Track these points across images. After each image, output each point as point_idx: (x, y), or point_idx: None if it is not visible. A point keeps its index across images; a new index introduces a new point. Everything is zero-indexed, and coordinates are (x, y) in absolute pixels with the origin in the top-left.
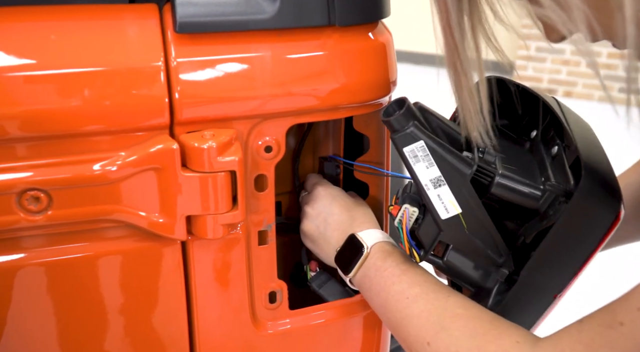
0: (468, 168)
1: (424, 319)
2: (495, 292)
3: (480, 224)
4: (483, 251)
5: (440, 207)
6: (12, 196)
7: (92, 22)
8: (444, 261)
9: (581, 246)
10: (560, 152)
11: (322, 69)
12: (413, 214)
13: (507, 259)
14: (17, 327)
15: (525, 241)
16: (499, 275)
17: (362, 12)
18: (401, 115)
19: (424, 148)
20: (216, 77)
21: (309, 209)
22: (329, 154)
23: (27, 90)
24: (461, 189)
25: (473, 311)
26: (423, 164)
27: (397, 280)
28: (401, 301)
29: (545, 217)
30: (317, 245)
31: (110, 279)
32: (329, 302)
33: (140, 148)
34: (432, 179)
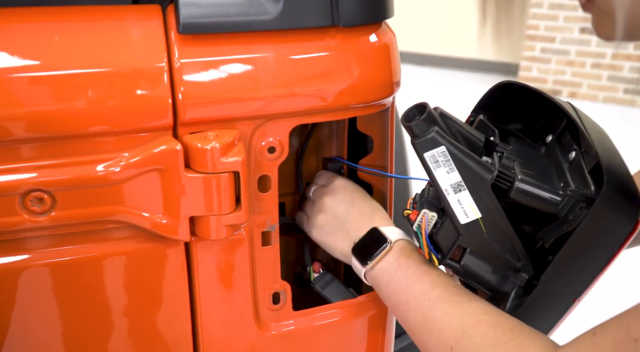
0: (489, 173)
1: (447, 322)
2: (513, 297)
3: (499, 229)
4: (501, 255)
5: (460, 212)
6: (16, 197)
7: (96, 23)
8: (461, 264)
9: (602, 250)
10: (579, 158)
11: (325, 70)
12: (432, 218)
13: (526, 263)
14: (22, 328)
15: (544, 246)
16: (518, 279)
17: (366, 13)
18: (422, 120)
19: (445, 153)
20: (219, 78)
21: (328, 199)
22: (332, 155)
23: (30, 91)
24: (481, 194)
25: (495, 318)
26: (444, 169)
27: (419, 280)
28: (423, 302)
29: (565, 222)
30: (334, 236)
31: (114, 280)
32: (333, 303)
33: (143, 149)
34: (453, 184)
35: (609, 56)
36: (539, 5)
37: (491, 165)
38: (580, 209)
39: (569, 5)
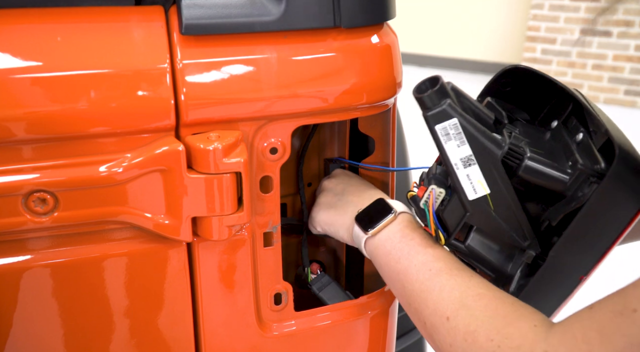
0: (499, 148)
1: (446, 293)
2: (518, 277)
3: (507, 206)
4: (508, 234)
5: (469, 187)
6: (19, 198)
7: (98, 24)
8: (466, 245)
9: (610, 226)
10: (586, 138)
11: (327, 71)
12: (440, 195)
13: (532, 242)
14: (24, 329)
15: (551, 224)
16: (525, 257)
17: (368, 14)
18: (434, 92)
19: (456, 126)
20: (222, 78)
21: (327, 182)
22: (334, 156)
23: (33, 92)
24: (491, 169)
25: (495, 293)
26: (454, 142)
27: (422, 251)
28: (423, 272)
29: (574, 199)
30: (335, 209)
31: (116, 281)
32: (335, 304)
33: (146, 150)
34: (463, 158)
35: (610, 58)
36: (540, 6)
37: (501, 141)
38: (590, 184)
39: (569, 6)
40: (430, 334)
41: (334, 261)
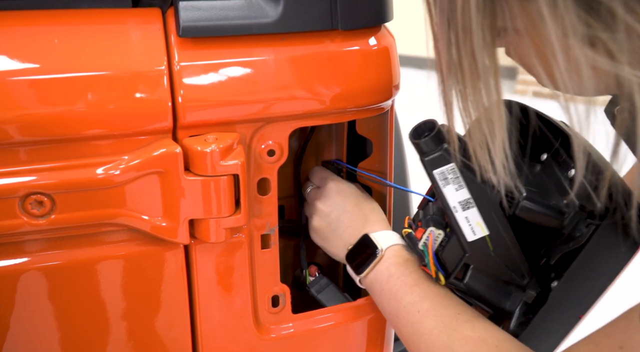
0: (498, 191)
1: (435, 337)
2: (517, 315)
3: (505, 246)
4: (506, 273)
5: (468, 229)
6: (16, 200)
7: (96, 26)
8: (465, 283)
9: (609, 267)
10: None
11: (324, 73)
12: (438, 236)
13: (531, 281)
14: (21, 332)
15: (549, 263)
16: (525, 297)
17: (365, 16)
18: (430, 138)
19: (454, 170)
20: (219, 81)
21: (320, 205)
22: (331, 158)
23: (30, 94)
24: (490, 211)
25: (481, 333)
26: (452, 186)
27: (409, 290)
28: (412, 314)
29: (571, 239)
30: (328, 242)
31: (113, 283)
32: (332, 306)
33: (143, 152)
34: (461, 202)
35: None
36: None
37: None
38: (587, 225)
39: None
40: None
41: (332, 263)
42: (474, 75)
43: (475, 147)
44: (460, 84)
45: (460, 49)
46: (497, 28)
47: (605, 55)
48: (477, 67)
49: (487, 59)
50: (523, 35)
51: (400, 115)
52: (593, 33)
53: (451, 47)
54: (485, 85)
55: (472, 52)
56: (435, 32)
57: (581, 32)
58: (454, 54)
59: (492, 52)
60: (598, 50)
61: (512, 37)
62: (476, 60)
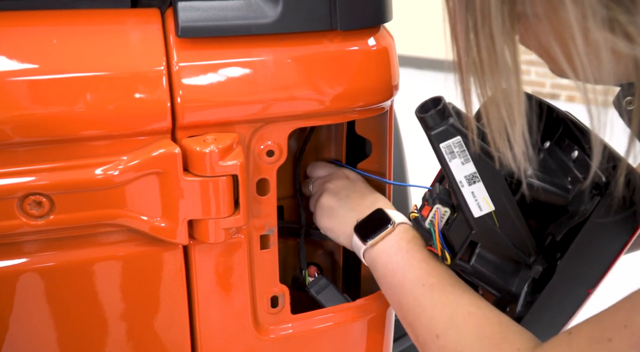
0: (502, 166)
1: (438, 310)
2: (524, 294)
3: (511, 223)
4: (513, 251)
5: (474, 204)
6: (14, 201)
7: (95, 26)
8: (471, 264)
9: (614, 238)
10: (582, 155)
11: (324, 74)
12: (445, 214)
13: (538, 258)
14: (20, 332)
15: (556, 239)
16: (532, 272)
17: (364, 17)
18: (436, 112)
19: (460, 144)
20: (218, 81)
21: (330, 185)
22: (331, 158)
23: (29, 94)
24: (496, 186)
25: (484, 311)
26: (459, 160)
27: (417, 265)
28: (417, 287)
29: (577, 214)
30: (336, 218)
31: (112, 284)
32: (332, 307)
33: (142, 152)
34: (467, 176)
35: None
36: None
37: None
38: (592, 197)
39: None
40: (422, 348)
41: (332, 263)
42: (492, 60)
43: (494, 133)
44: (479, 70)
45: (479, 33)
46: (516, 13)
47: (624, 38)
48: (496, 52)
49: (506, 43)
50: (542, 20)
51: (400, 115)
52: (612, 16)
53: (469, 32)
54: (505, 70)
55: (491, 37)
56: (452, 17)
57: (601, 14)
58: (472, 39)
59: (512, 37)
60: (616, 33)
61: (531, 23)
62: (495, 45)
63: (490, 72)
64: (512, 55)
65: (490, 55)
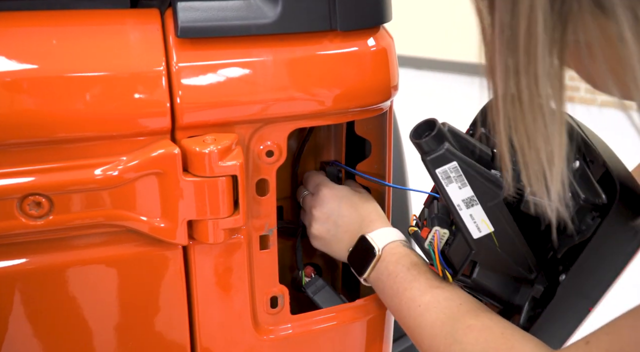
0: (500, 188)
1: (438, 329)
2: (527, 309)
3: (511, 242)
4: (514, 268)
5: (473, 226)
6: (14, 201)
7: (94, 27)
8: (472, 279)
9: (616, 259)
10: (583, 167)
11: (323, 74)
12: (444, 235)
13: (539, 275)
14: (19, 333)
15: (556, 256)
16: (534, 292)
17: (364, 17)
18: (432, 137)
19: (456, 169)
20: (218, 81)
21: (316, 212)
22: (330, 159)
23: (29, 94)
24: (494, 208)
25: (485, 322)
26: (456, 185)
27: (408, 286)
28: (414, 309)
29: (578, 232)
30: (330, 247)
31: (112, 284)
32: (331, 307)
33: (141, 153)
34: (465, 199)
35: None
36: None
37: (501, 179)
38: (592, 218)
39: None
40: None
41: (331, 264)
42: (535, 104)
43: (530, 177)
44: (518, 112)
45: (521, 75)
46: (566, 49)
47: None
48: (540, 96)
49: (552, 87)
50: (596, 55)
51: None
52: None
53: (509, 72)
54: (549, 115)
55: (535, 79)
56: (490, 51)
57: None
58: (512, 85)
59: (559, 80)
60: None
61: (582, 52)
62: (539, 89)
63: (531, 117)
64: (558, 99)
65: (532, 99)
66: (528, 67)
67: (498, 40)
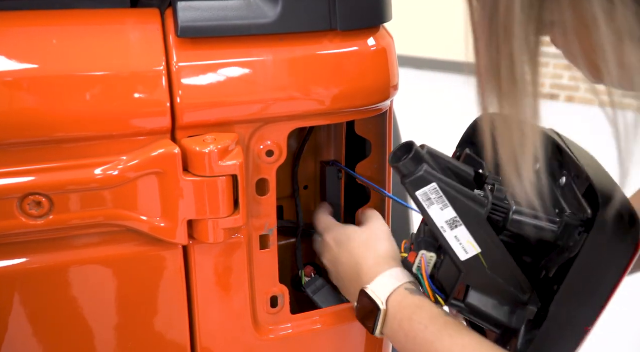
0: (483, 207)
1: None
2: (524, 332)
3: (500, 262)
4: (506, 290)
5: (459, 248)
6: (14, 201)
7: (94, 26)
8: (466, 303)
9: (606, 275)
10: (570, 182)
11: (323, 74)
12: (431, 259)
13: (532, 296)
14: (19, 333)
15: (548, 275)
16: (527, 313)
17: (364, 17)
18: (409, 160)
19: (437, 190)
20: (218, 81)
21: (324, 260)
22: (330, 159)
23: (29, 94)
24: (478, 228)
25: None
26: (437, 206)
27: (412, 341)
28: None
29: (566, 250)
30: (344, 290)
31: (112, 284)
32: (331, 307)
33: (141, 152)
34: (448, 221)
35: None
36: None
37: (484, 198)
38: (579, 234)
39: None
40: None
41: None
42: (511, 81)
43: (503, 162)
44: (498, 89)
45: (501, 51)
46: (543, 30)
47: None
48: (515, 73)
49: (528, 65)
50: (571, 35)
51: (400, 115)
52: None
53: (491, 49)
54: (522, 94)
55: (511, 56)
56: (475, 31)
57: (638, 34)
58: (493, 57)
59: (535, 59)
60: None
61: (559, 33)
62: (514, 65)
63: (509, 93)
64: (534, 73)
65: (509, 75)
66: (506, 42)
67: (481, 17)
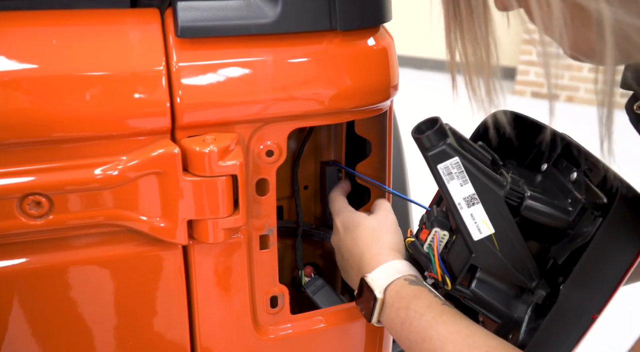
0: (501, 188)
1: None
2: (527, 321)
3: (512, 246)
4: (514, 275)
5: (473, 227)
6: (14, 201)
7: (94, 26)
8: (471, 289)
9: (618, 260)
10: (581, 176)
11: (323, 74)
12: (443, 237)
13: (540, 282)
14: (18, 332)
15: (557, 262)
16: (535, 297)
17: (364, 17)
18: (433, 132)
19: (458, 165)
20: (218, 81)
21: (332, 241)
22: (330, 158)
23: (29, 94)
24: (495, 208)
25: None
26: (457, 181)
27: (407, 328)
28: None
29: (579, 236)
30: (347, 280)
31: (112, 284)
32: (331, 307)
33: (141, 152)
34: (466, 197)
35: None
36: None
37: (503, 180)
38: (593, 219)
39: None
40: None
41: (332, 264)
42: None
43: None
44: (458, 20)
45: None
46: None
47: None
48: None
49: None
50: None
51: (400, 115)
52: None
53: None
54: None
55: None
56: None
57: None
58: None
59: None
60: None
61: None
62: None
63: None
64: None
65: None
66: None
67: None
